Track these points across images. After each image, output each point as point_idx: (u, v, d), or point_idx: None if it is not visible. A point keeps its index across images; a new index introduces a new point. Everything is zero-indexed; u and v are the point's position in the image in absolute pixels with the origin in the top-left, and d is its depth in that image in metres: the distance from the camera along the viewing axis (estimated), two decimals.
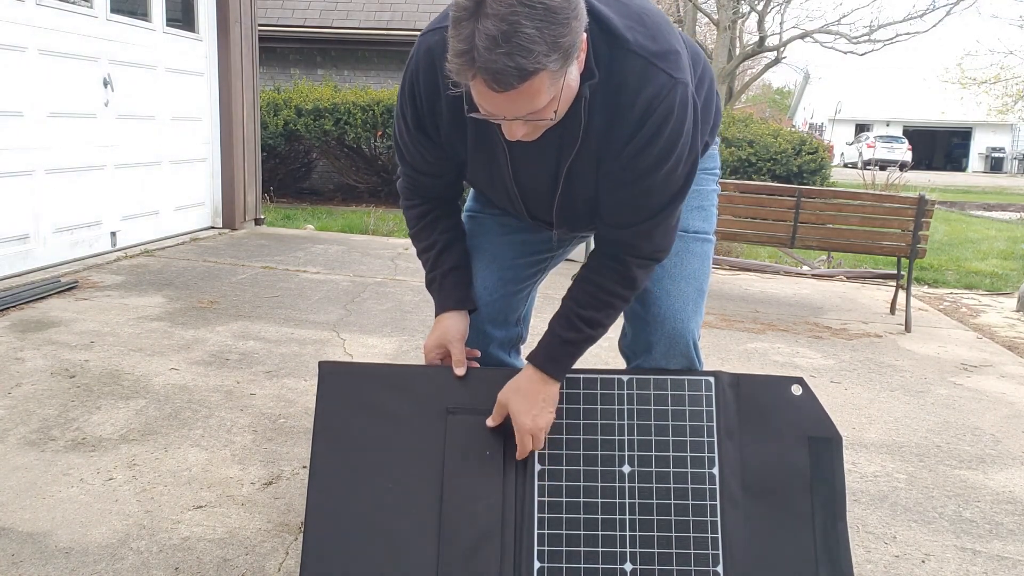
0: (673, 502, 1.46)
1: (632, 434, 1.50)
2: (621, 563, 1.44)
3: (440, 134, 1.45)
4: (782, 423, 1.52)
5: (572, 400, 1.52)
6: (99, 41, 4.84)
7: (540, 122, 1.23)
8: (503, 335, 1.71)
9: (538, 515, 1.46)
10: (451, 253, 1.61)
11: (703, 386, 1.52)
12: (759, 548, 1.45)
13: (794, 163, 9.16)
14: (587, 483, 1.47)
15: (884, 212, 4.55)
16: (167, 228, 5.69)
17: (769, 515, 1.47)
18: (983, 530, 2.16)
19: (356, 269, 5.17)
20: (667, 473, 1.47)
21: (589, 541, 1.45)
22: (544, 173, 1.43)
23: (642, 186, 1.37)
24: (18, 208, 4.30)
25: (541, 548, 1.44)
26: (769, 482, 1.48)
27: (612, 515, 1.46)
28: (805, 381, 1.56)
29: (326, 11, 11.23)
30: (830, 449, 1.51)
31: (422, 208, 1.62)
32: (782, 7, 17.85)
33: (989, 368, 3.82)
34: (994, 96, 26.59)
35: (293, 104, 8.98)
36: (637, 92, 1.29)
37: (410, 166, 1.56)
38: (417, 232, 1.64)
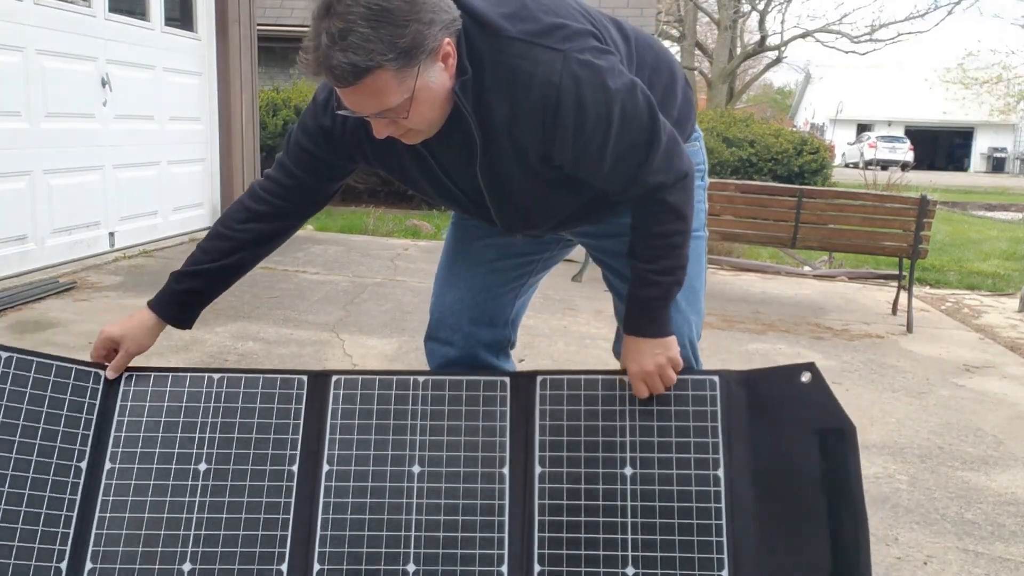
0: (676, 505, 1.41)
1: (634, 435, 1.45)
2: (623, 567, 1.40)
3: (364, 148, 1.45)
4: (791, 416, 1.43)
5: (573, 402, 1.48)
6: (97, 41, 4.83)
7: (404, 121, 1.26)
8: (490, 336, 1.69)
9: (539, 518, 1.42)
10: (211, 279, 1.54)
11: (707, 386, 1.47)
12: (769, 553, 1.38)
13: (795, 163, 9.15)
14: (588, 485, 1.44)
15: (886, 212, 4.53)
16: (165, 229, 5.67)
17: (780, 517, 1.40)
18: (985, 532, 2.14)
19: (355, 270, 5.15)
20: (670, 475, 1.43)
21: (590, 544, 1.41)
22: (468, 177, 1.42)
23: (616, 155, 1.35)
24: (16, 208, 4.28)
25: (542, 551, 1.41)
26: (780, 481, 1.41)
27: (614, 518, 1.42)
28: (816, 367, 1.45)
29: None
30: (842, 441, 1.41)
31: (259, 218, 1.54)
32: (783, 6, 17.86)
33: (991, 369, 3.80)
34: (996, 96, 26.58)
35: (292, 104, 8.96)
36: (530, 76, 1.28)
37: (290, 162, 1.52)
38: (229, 230, 1.54)
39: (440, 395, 1.48)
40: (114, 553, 1.38)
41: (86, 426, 1.43)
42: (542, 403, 1.48)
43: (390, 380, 1.49)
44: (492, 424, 1.47)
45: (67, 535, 1.38)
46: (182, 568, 1.39)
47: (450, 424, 1.47)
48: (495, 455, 1.45)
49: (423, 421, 1.47)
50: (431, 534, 1.42)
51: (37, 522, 1.37)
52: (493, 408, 1.47)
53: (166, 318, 1.53)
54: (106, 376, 1.48)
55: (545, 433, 1.47)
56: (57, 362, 1.45)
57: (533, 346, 3.58)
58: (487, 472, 1.45)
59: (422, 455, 1.45)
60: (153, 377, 1.49)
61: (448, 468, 1.45)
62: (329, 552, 1.41)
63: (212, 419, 1.47)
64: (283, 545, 1.41)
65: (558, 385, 1.49)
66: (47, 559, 1.36)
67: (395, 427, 1.47)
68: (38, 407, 1.42)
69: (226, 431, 1.46)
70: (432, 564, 1.41)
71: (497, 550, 1.41)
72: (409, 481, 1.44)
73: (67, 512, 1.39)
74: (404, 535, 1.42)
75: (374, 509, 1.43)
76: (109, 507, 1.40)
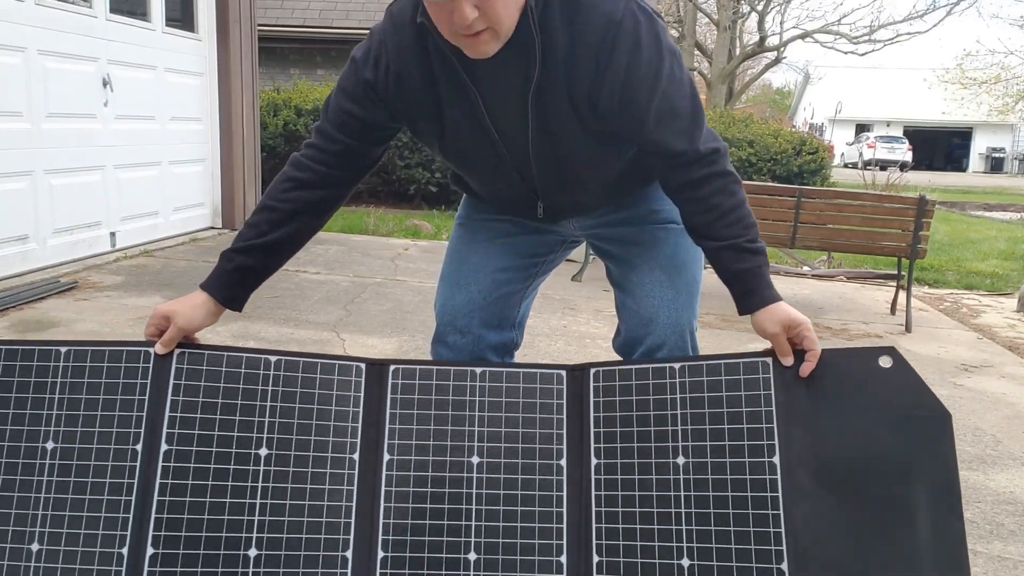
0: (731, 494, 1.37)
1: (686, 424, 1.41)
2: (678, 558, 1.38)
3: (403, 104, 1.44)
4: (868, 402, 1.36)
5: (625, 392, 1.46)
6: (98, 41, 4.84)
7: (490, 10, 1.26)
8: (498, 339, 1.70)
9: (595, 508, 1.42)
10: (264, 255, 1.50)
11: (760, 368, 1.41)
12: (839, 545, 1.33)
13: (794, 163, 9.16)
14: (642, 476, 1.42)
15: (884, 212, 4.55)
16: (166, 228, 5.68)
17: (853, 509, 1.34)
18: (984, 531, 2.15)
19: (356, 269, 5.16)
20: (723, 464, 1.38)
21: (645, 535, 1.40)
22: (515, 120, 1.42)
23: (659, 113, 1.37)
24: (17, 208, 4.29)
25: (599, 542, 1.41)
26: (854, 470, 1.35)
27: (668, 508, 1.39)
28: (897, 351, 1.37)
29: (326, 11, 11.24)
30: (935, 428, 1.33)
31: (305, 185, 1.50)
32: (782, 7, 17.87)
33: (990, 368, 3.81)
34: (995, 96, 26.60)
35: (293, 104, 8.97)
36: (594, 8, 1.32)
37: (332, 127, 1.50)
38: (275, 202, 1.50)
39: (497, 387, 1.47)
40: (176, 538, 1.37)
41: (139, 407, 1.41)
42: (596, 395, 1.47)
43: (448, 371, 1.48)
44: (549, 416, 1.46)
45: (127, 520, 1.37)
46: (248, 553, 1.39)
47: (507, 416, 1.46)
48: (552, 447, 1.45)
49: (480, 412, 1.47)
50: (491, 524, 1.42)
51: (99, 508, 1.38)
52: (550, 401, 1.47)
53: (218, 298, 1.47)
54: (156, 352, 1.43)
55: (599, 425, 1.45)
56: (109, 347, 1.43)
57: (533, 345, 3.60)
58: (544, 464, 1.45)
59: (480, 446, 1.45)
60: (207, 356, 1.44)
61: (506, 459, 1.45)
62: (392, 540, 1.42)
63: (271, 403, 1.44)
64: (347, 532, 1.41)
65: (611, 376, 1.47)
66: (110, 545, 1.36)
67: (453, 418, 1.46)
68: (95, 395, 1.42)
69: (285, 416, 1.44)
70: (493, 553, 1.42)
71: (556, 540, 1.42)
72: (468, 472, 1.44)
73: (126, 496, 1.38)
74: (464, 524, 1.43)
75: (435, 499, 1.43)
76: (168, 491, 1.39)
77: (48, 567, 1.35)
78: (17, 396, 1.41)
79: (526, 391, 1.48)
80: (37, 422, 1.40)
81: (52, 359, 1.42)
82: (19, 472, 1.38)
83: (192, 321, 1.44)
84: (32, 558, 1.35)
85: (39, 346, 1.43)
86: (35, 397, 1.41)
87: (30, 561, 1.35)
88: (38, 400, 1.41)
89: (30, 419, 1.40)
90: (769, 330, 1.38)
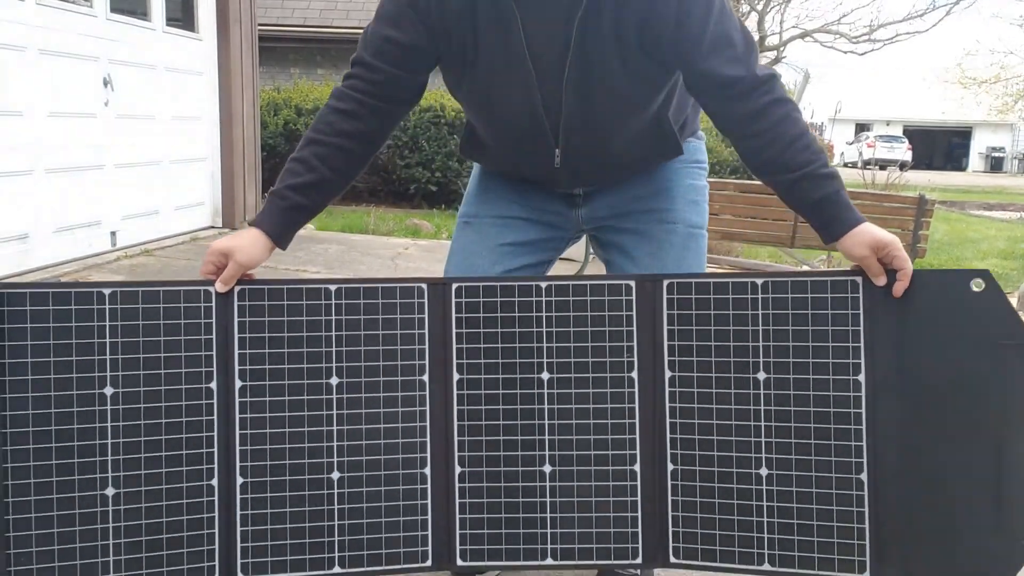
0: (813, 410, 1.39)
1: (768, 340, 1.41)
2: (756, 468, 1.41)
3: (441, 24, 1.43)
4: (957, 325, 1.35)
5: (702, 306, 1.44)
6: (99, 40, 4.84)
7: None
8: None
9: (670, 420, 1.44)
10: (316, 193, 1.47)
11: (849, 287, 1.39)
12: (917, 460, 1.37)
13: None
14: (720, 390, 1.43)
15: (884, 212, 4.55)
16: (167, 228, 5.69)
17: (936, 429, 1.36)
18: None
19: (356, 268, 5.17)
20: (807, 380, 1.39)
21: (723, 446, 1.42)
22: (557, 39, 1.40)
23: (714, 37, 1.37)
24: (18, 207, 4.30)
25: (674, 451, 1.44)
26: (936, 392, 1.36)
27: (747, 421, 1.41)
28: (990, 274, 1.35)
29: (326, 11, 11.25)
30: (1019, 355, 1.33)
31: (351, 116, 1.47)
32: (782, 7, 17.86)
33: None
34: (994, 96, 26.59)
35: (293, 104, 8.98)
36: None
37: (371, 56, 1.48)
38: (322, 135, 1.46)
39: (564, 300, 1.45)
40: (263, 467, 1.42)
41: (207, 347, 1.41)
42: (669, 307, 1.45)
43: (512, 287, 1.46)
44: (619, 329, 1.45)
45: (212, 454, 1.40)
46: (331, 477, 1.43)
47: (576, 330, 1.45)
48: (623, 360, 1.45)
49: (548, 328, 1.46)
50: (564, 437, 1.44)
51: (180, 446, 1.39)
52: (619, 313, 1.45)
53: (271, 235, 1.44)
54: (216, 291, 1.40)
55: (674, 338, 1.45)
56: (163, 287, 1.40)
57: None
58: (615, 377, 1.45)
59: (550, 362, 1.45)
60: (267, 291, 1.43)
61: (577, 374, 1.45)
62: (468, 456, 1.45)
63: (336, 332, 1.44)
64: (423, 451, 1.45)
65: (686, 289, 1.45)
66: (198, 479, 1.39)
67: (521, 335, 1.45)
68: (154, 336, 1.39)
69: (351, 343, 1.44)
70: (567, 464, 1.44)
71: (629, 450, 1.44)
72: (539, 388, 1.45)
73: (207, 432, 1.40)
74: (539, 439, 1.45)
75: (507, 415, 1.45)
76: (248, 424, 1.42)
77: (129, 508, 1.36)
78: (57, 343, 1.34)
79: (594, 304, 1.45)
80: (89, 368, 1.35)
81: (95, 301, 1.36)
82: (76, 420, 1.35)
83: (252, 257, 1.42)
84: (108, 502, 1.35)
85: (75, 288, 1.36)
86: (80, 343, 1.35)
87: (107, 506, 1.35)
88: (85, 346, 1.35)
89: (79, 366, 1.35)
90: (858, 253, 1.36)
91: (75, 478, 1.34)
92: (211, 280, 1.40)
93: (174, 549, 1.38)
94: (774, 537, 1.41)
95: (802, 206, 1.41)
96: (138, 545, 1.36)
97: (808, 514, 1.40)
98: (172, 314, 1.39)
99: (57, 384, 1.34)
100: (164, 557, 1.37)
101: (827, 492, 1.39)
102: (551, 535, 1.45)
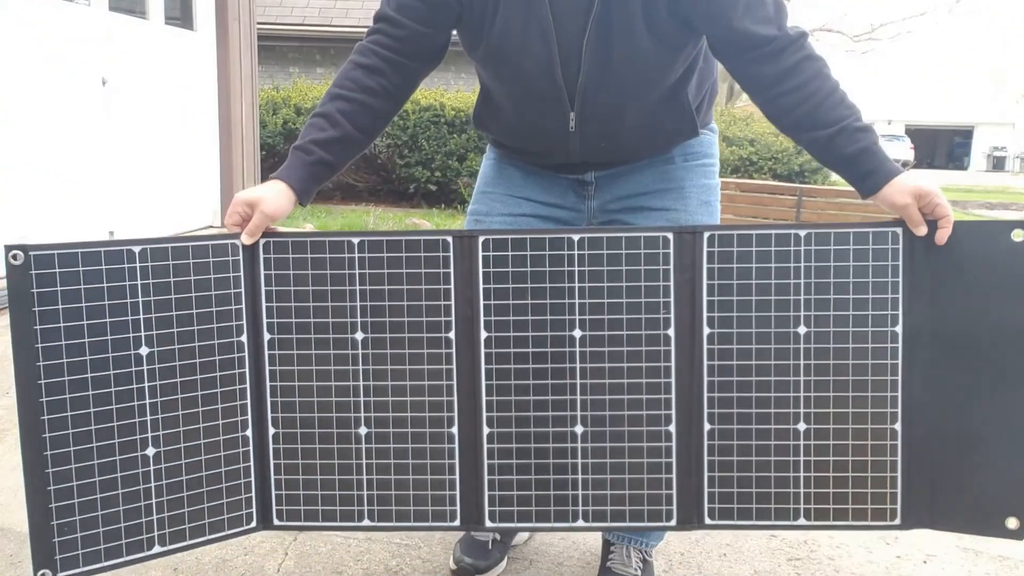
0: (851, 362, 1.39)
1: (809, 293, 1.39)
2: (795, 423, 1.41)
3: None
4: (996, 275, 1.35)
5: (743, 259, 1.41)
6: (97, 39, 4.83)
7: None
8: None
9: (707, 378, 1.41)
10: (340, 149, 1.45)
11: (889, 239, 1.39)
12: (954, 413, 1.37)
13: (796, 162, 9.15)
14: (759, 345, 1.41)
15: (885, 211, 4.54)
16: (165, 227, 5.68)
17: (973, 380, 1.37)
18: None
19: None
20: (846, 333, 1.39)
21: (761, 403, 1.41)
22: (579, 14, 1.39)
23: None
24: (16, 207, 4.29)
25: (711, 411, 1.41)
26: (975, 343, 1.36)
27: (786, 376, 1.40)
28: None
29: (325, 10, 11.24)
30: None
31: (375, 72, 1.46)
32: None
33: None
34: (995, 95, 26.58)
35: (292, 103, 8.97)
36: None
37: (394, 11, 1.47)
38: (346, 90, 1.45)
39: (598, 254, 1.41)
40: (292, 419, 1.43)
41: (236, 300, 1.40)
42: (709, 261, 1.41)
43: (542, 239, 1.42)
44: (655, 284, 1.41)
45: (245, 406, 1.41)
46: (359, 431, 1.43)
47: (610, 286, 1.41)
48: (659, 316, 1.41)
49: (581, 283, 1.41)
50: (597, 397, 1.42)
51: (215, 401, 1.39)
52: (655, 267, 1.41)
53: (296, 189, 1.41)
54: (242, 242, 1.39)
55: (713, 293, 1.41)
56: (192, 243, 1.38)
57: None
58: (651, 334, 1.42)
59: (582, 319, 1.42)
60: (291, 243, 1.41)
61: (610, 332, 1.42)
62: (497, 416, 1.43)
63: (360, 286, 1.43)
64: (451, 409, 1.43)
65: (727, 242, 1.41)
66: (233, 431, 1.40)
67: (552, 290, 1.42)
68: (184, 293, 1.37)
69: (376, 298, 1.42)
70: (600, 425, 1.42)
71: (664, 410, 1.42)
72: (571, 346, 1.42)
73: (240, 385, 1.41)
74: (570, 399, 1.42)
75: (537, 374, 1.43)
76: (278, 376, 1.42)
77: (170, 466, 1.37)
78: (89, 305, 1.31)
79: (629, 257, 1.41)
80: (123, 329, 1.33)
81: (125, 260, 1.33)
82: (113, 383, 1.33)
83: (278, 208, 1.39)
84: (149, 462, 1.36)
85: (104, 247, 1.32)
86: (113, 304, 1.32)
87: (147, 466, 1.35)
88: (118, 306, 1.33)
89: (113, 327, 1.32)
90: (900, 201, 1.35)
91: (115, 442, 1.33)
92: (237, 233, 1.39)
93: (214, 500, 1.39)
94: (810, 491, 1.41)
95: (839, 161, 1.40)
96: (180, 501, 1.37)
97: (843, 466, 1.40)
98: (201, 269, 1.38)
99: (92, 347, 1.31)
100: (205, 509, 1.39)
101: (862, 444, 1.39)
102: (582, 497, 1.44)
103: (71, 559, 1.31)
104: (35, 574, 1.29)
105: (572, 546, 1.96)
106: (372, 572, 1.81)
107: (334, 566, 1.83)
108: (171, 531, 1.37)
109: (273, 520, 1.43)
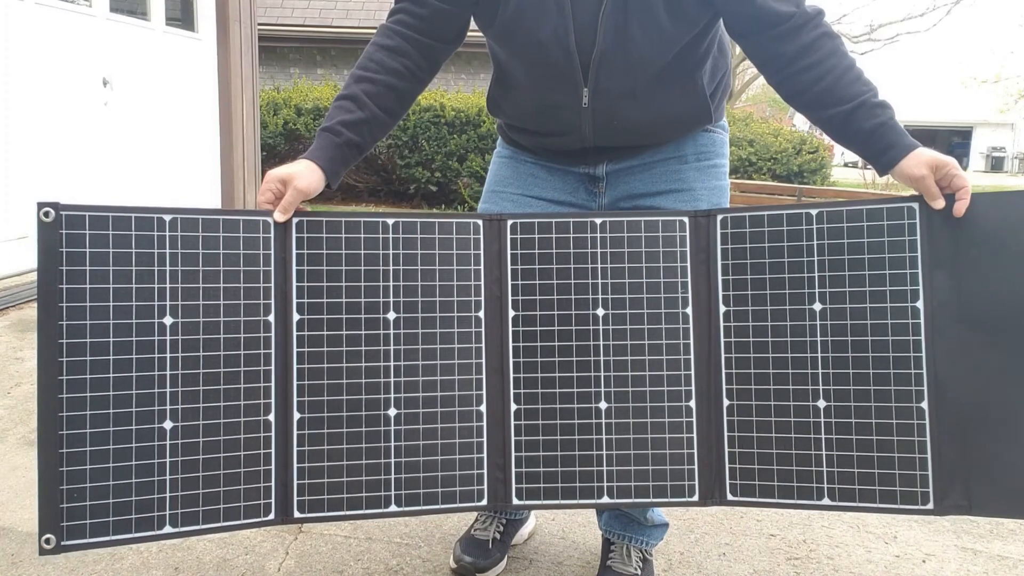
0: (871, 339, 1.38)
1: (823, 270, 1.41)
2: (814, 400, 1.41)
3: None
4: (1016, 247, 1.33)
5: (756, 239, 1.44)
6: (98, 41, 4.84)
7: None
8: None
9: (724, 355, 1.44)
10: (367, 131, 1.46)
11: (905, 214, 1.38)
12: (981, 388, 1.35)
13: (794, 162, 9.16)
14: (775, 323, 1.43)
15: None
16: None
17: (997, 353, 1.35)
18: (984, 530, 2.15)
19: None
20: (864, 309, 1.39)
21: (779, 380, 1.42)
22: None
23: None
24: (17, 207, 4.29)
25: (730, 387, 1.44)
26: (996, 316, 1.34)
27: (803, 353, 1.41)
28: None
29: (326, 11, 11.24)
30: None
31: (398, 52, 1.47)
32: None
33: None
34: (995, 95, 26.60)
35: (293, 104, 8.97)
36: None
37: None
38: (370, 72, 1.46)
39: (619, 237, 1.46)
40: (320, 402, 1.41)
41: (266, 278, 1.39)
42: (723, 242, 1.46)
43: (567, 223, 1.47)
44: (672, 265, 1.46)
45: (269, 389, 1.39)
46: (388, 413, 1.43)
47: (630, 266, 1.46)
48: (677, 296, 1.46)
49: (603, 264, 1.46)
50: (619, 373, 1.45)
51: (237, 380, 1.37)
52: (673, 249, 1.46)
53: (326, 170, 1.40)
54: (275, 220, 1.37)
55: (728, 272, 1.45)
56: (223, 216, 1.35)
57: None
58: (670, 313, 1.46)
59: (605, 298, 1.46)
60: (325, 223, 1.41)
61: (632, 310, 1.46)
62: (524, 393, 1.45)
63: (393, 266, 1.44)
64: (479, 388, 1.45)
65: (740, 223, 1.45)
66: (254, 414, 1.37)
67: (576, 271, 1.46)
68: (213, 266, 1.36)
69: (408, 279, 1.44)
70: (623, 401, 1.45)
71: (684, 387, 1.45)
72: (594, 324, 1.46)
73: (265, 367, 1.38)
74: (594, 375, 1.45)
75: (562, 352, 1.46)
76: (306, 359, 1.41)
77: (187, 443, 1.33)
78: (116, 269, 1.30)
79: (648, 240, 1.46)
80: (148, 296, 1.31)
81: (156, 228, 1.32)
82: (135, 350, 1.31)
83: (311, 184, 1.37)
84: (166, 435, 1.33)
85: (135, 213, 1.31)
86: (140, 270, 1.31)
87: (164, 439, 1.32)
88: (145, 273, 1.31)
89: (138, 293, 1.31)
90: (917, 173, 1.34)
91: (133, 410, 1.30)
92: (270, 210, 1.37)
93: (231, 485, 1.36)
94: (833, 471, 1.40)
95: (857, 136, 1.40)
96: (195, 481, 1.33)
97: (868, 445, 1.39)
98: (231, 244, 1.36)
99: (116, 312, 1.30)
100: (221, 493, 1.35)
101: (887, 422, 1.38)
102: (607, 473, 1.45)
103: (78, 528, 1.27)
104: (40, 538, 1.25)
105: (572, 545, 1.97)
106: (373, 571, 1.82)
107: (335, 565, 1.84)
108: (184, 512, 1.32)
109: (293, 512, 1.39)
